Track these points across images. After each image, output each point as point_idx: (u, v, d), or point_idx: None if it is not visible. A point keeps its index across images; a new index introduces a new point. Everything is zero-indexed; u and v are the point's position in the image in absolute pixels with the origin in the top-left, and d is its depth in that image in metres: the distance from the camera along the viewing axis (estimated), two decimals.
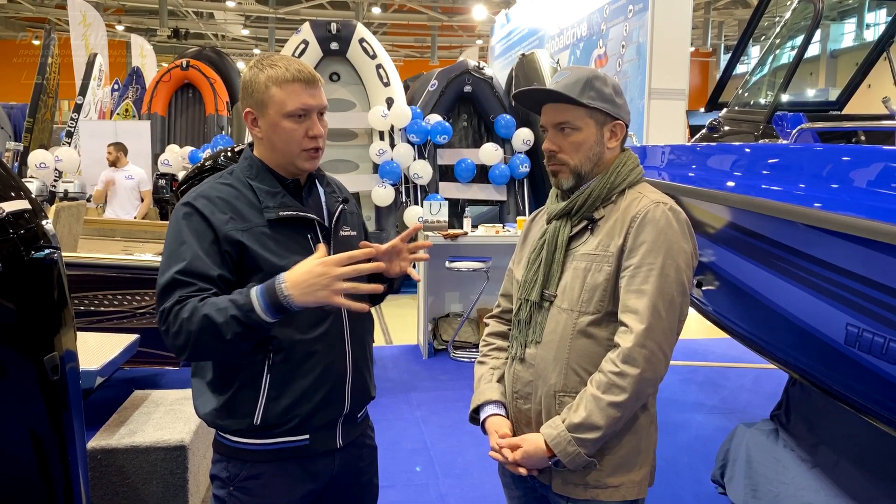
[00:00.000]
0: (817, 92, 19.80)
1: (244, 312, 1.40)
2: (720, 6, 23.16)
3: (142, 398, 3.51)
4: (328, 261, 1.38)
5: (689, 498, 3.43)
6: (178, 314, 1.45)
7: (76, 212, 5.31)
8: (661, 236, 1.57)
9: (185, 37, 22.45)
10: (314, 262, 1.39)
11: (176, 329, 1.45)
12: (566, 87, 1.64)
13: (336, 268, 1.37)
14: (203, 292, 1.48)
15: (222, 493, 1.65)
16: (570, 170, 1.68)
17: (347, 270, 1.38)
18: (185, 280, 1.49)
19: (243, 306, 1.41)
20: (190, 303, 1.45)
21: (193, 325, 1.42)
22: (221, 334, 1.40)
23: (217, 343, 1.42)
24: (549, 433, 1.58)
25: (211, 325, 1.41)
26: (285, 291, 1.39)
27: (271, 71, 1.60)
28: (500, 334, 1.88)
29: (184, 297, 1.47)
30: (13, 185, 1.91)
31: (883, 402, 1.95)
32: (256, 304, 1.40)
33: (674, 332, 1.59)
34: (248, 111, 1.64)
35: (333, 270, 1.37)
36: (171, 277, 1.50)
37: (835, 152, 1.95)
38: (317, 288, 1.37)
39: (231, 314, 1.40)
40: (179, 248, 1.53)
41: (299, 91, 1.60)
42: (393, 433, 4.24)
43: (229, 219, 1.56)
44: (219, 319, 1.40)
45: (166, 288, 1.50)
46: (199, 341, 1.43)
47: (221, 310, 1.41)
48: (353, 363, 1.70)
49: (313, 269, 1.38)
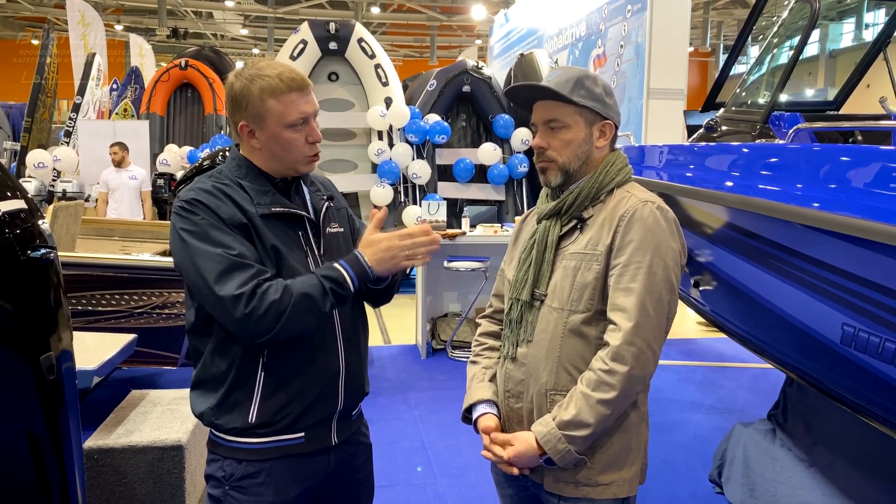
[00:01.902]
0: (816, 92, 19.81)
1: (339, 284, 1.58)
2: (719, 6, 23.17)
3: (139, 398, 3.51)
4: (391, 236, 1.64)
5: (687, 497, 3.43)
6: (265, 296, 1.50)
7: (74, 211, 5.31)
8: (648, 235, 1.58)
9: (184, 36, 22.44)
10: (380, 238, 1.64)
11: (264, 311, 1.49)
12: (557, 84, 1.65)
13: (398, 241, 1.63)
14: (263, 272, 1.54)
15: (218, 492, 1.65)
16: (559, 167, 1.69)
17: (407, 243, 1.64)
18: (241, 262, 1.52)
19: (336, 279, 1.58)
20: (273, 285, 1.52)
21: (285, 305, 1.51)
22: (319, 307, 1.55)
23: (311, 316, 1.55)
24: (540, 431, 1.59)
25: (309, 301, 1.54)
26: (368, 262, 1.62)
27: (263, 82, 1.58)
28: (493, 334, 1.89)
29: (254, 277, 1.50)
30: (9, 184, 1.91)
31: (879, 402, 1.95)
32: (347, 278, 1.59)
33: (662, 329, 1.60)
34: (244, 124, 1.62)
35: (396, 243, 1.63)
36: (226, 259, 1.50)
37: (832, 152, 1.95)
38: (388, 258, 1.63)
39: (328, 287, 1.56)
40: (211, 233, 1.53)
41: (296, 100, 1.61)
42: (391, 433, 4.24)
43: (232, 209, 1.58)
44: (316, 294, 1.54)
45: (226, 271, 1.50)
46: (292, 318, 1.52)
47: (314, 286, 1.55)
48: (346, 360, 1.71)
49: (381, 244, 1.63)
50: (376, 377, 5.33)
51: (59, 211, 4.96)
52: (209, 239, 1.53)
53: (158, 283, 4.16)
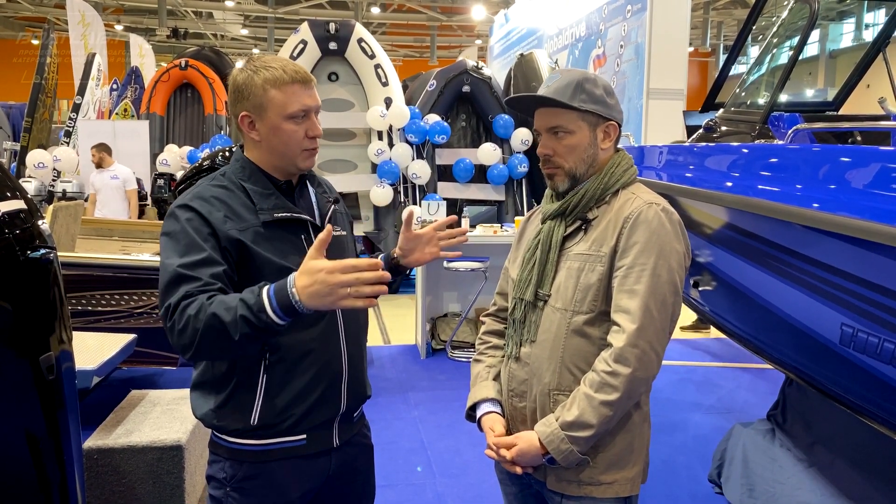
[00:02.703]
0: (815, 92, 19.81)
1: (254, 313, 1.36)
2: (719, 6, 23.17)
3: (139, 398, 3.51)
4: (333, 267, 1.34)
5: (686, 497, 3.43)
6: (185, 310, 1.40)
7: (74, 211, 5.31)
8: (653, 237, 1.58)
9: (184, 36, 22.44)
10: (319, 268, 1.34)
11: (182, 326, 1.40)
12: (557, 91, 1.65)
13: (340, 275, 1.33)
14: (209, 287, 1.44)
15: (219, 493, 1.65)
16: (566, 173, 1.69)
17: (349, 279, 1.33)
18: (189, 274, 1.45)
19: (254, 306, 1.36)
20: (198, 299, 1.41)
21: (200, 323, 1.38)
22: (229, 334, 1.36)
23: (224, 343, 1.38)
24: (543, 431, 1.60)
25: (219, 323, 1.36)
26: (296, 296, 1.34)
27: (267, 73, 1.58)
28: (497, 333, 1.90)
29: (190, 292, 1.42)
30: (9, 184, 1.91)
31: (878, 403, 1.95)
32: (267, 305, 1.36)
33: (666, 331, 1.60)
34: (245, 115, 1.61)
35: (336, 278, 1.33)
36: (174, 271, 1.46)
37: (831, 153, 1.95)
38: (323, 294, 1.34)
39: (241, 314, 1.36)
40: (181, 245, 1.51)
41: (299, 92, 1.60)
42: (391, 433, 4.24)
43: (227, 218, 1.55)
44: (227, 318, 1.36)
45: (171, 283, 1.45)
46: (206, 339, 1.38)
47: (230, 309, 1.37)
48: (349, 362, 1.70)
49: (317, 277, 1.34)
50: (376, 377, 5.32)
51: (58, 211, 4.96)
52: (176, 249, 1.51)
53: (158, 283, 4.15)
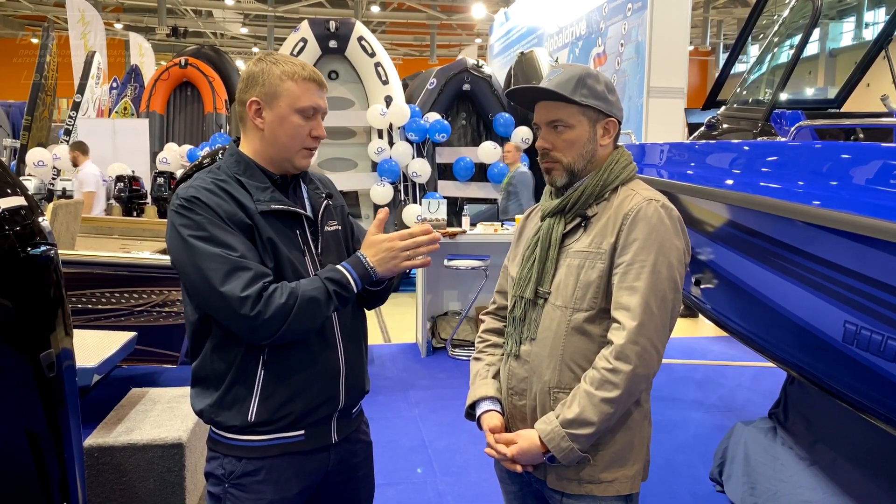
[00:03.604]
0: (816, 91, 19.80)
1: (342, 287, 1.59)
2: (719, 5, 23.16)
3: (139, 396, 3.51)
4: (393, 237, 1.65)
5: (687, 496, 3.43)
6: (271, 299, 1.50)
7: (74, 209, 5.30)
8: (653, 233, 1.58)
9: (184, 35, 22.42)
10: (382, 239, 1.65)
11: (270, 315, 1.49)
12: (558, 85, 1.64)
13: (399, 241, 1.64)
14: (265, 274, 1.54)
15: (217, 490, 1.65)
16: (564, 167, 1.68)
17: (408, 244, 1.64)
18: (243, 263, 1.51)
19: (340, 281, 1.59)
20: (279, 288, 1.53)
21: (290, 308, 1.51)
22: (322, 310, 1.57)
23: (316, 320, 1.57)
24: (543, 429, 1.59)
25: (314, 304, 1.55)
26: (370, 263, 1.63)
27: (286, 66, 1.62)
28: (496, 331, 1.89)
29: (257, 282, 1.50)
30: (9, 181, 1.90)
31: (881, 400, 1.95)
32: (350, 280, 1.61)
33: (666, 328, 1.59)
34: (254, 101, 1.62)
35: (397, 244, 1.64)
36: (228, 259, 1.50)
37: (833, 150, 1.95)
38: (390, 258, 1.64)
39: (332, 290, 1.58)
40: (212, 233, 1.52)
41: (313, 90, 1.64)
42: (391, 431, 4.24)
43: (232, 207, 1.57)
44: (321, 297, 1.56)
45: (229, 273, 1.49)
46: (297, 321, 1.53)
47: (319, 288, 1.57)
48: (346, 358, 1.70)
49: (382, 246, 1.64)
50: (376, 375, 5.32)
51: (58, 209, 4.96)
52: (210, 239, 1.51)
53: (158, 281, 4.15)
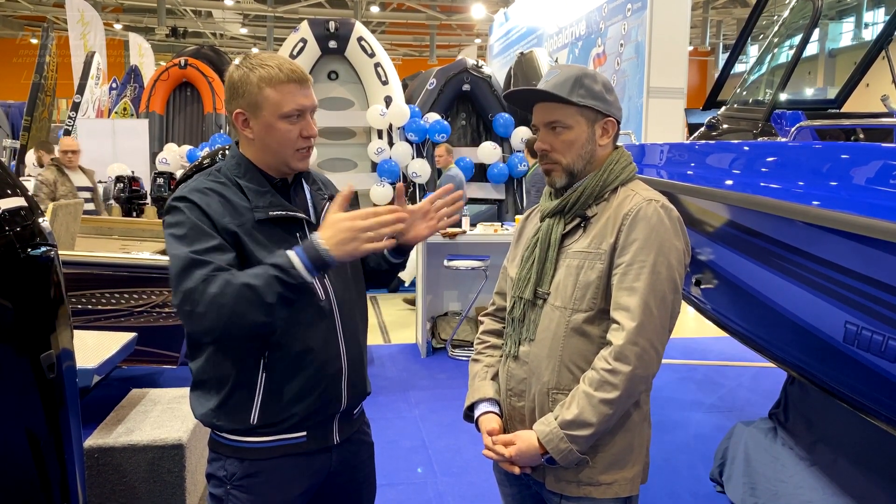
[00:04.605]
0: (815, 91, 19.81)
1: (285, 270, 1.43)
2: (718, 5, 23.17)
3: (139, 396, 3.50)
4: (354, 215, 1.47)
5: (688, 496, 3.43)
6: (205, 292, 1.41)
7: (74, 210, 5.30)
8: (652, 234, 1.57)
9: (184, 35, 22.43)
10: (341, 218, 1.47)
11: (204, 308, 1.41)
12: (556, 86, 1.64)
13: (360, 221, 1.46)
14: (222, 271, 1.45)
15: (219, 491, 1.64)
16: (563, 168, 1.68)
17: (371, 223, 1.47)
18: (202, 259, 1.45)
19: (283, 266, 1.43)
20: (219, 277, 1.42)
21: (227, 298, 1.40)
22: (263, 299, 1.41)
23: (256, 311, 1.41)
24: (542, 430, 1.58)
25: (250, 291, 1.40)
26: (323, 245, 1.44)
27: (263, 71, 1.57)
28: (495, 332, 1.88)
29: (209, 275, 1.43)
30: (9, 182, 1.90)
31: (881, 400, 1.95)
32: (297, 262, 1.44)
33: (665, 329, 1.59)
34: (239, 112, 1.60)
35: (357, 224, 1.46)
36: (187, 257, 1.45)
37: (833, 150, 1.95)
38: (348, 240, 1.45)
39: (272, 274, 1.42)
40: (189, 233, 1.51)
41: (294, 92, 1.59)
42: (391, 431, 4.23)
43: (224, 212, 1.55)
44: (259, 283, 1.41)
45: (184, 269, 1.45)
46: (235, 313, 1.41)
47: (259, 275, 1.42)
48: (348, 359, 1.69)
49: (340, 225, 1.46)
50: (376, 376, 5.32)
51: (58, 209, 4.96)
52: (184, 238, 1.50)
53: (158, 281, 4.15)
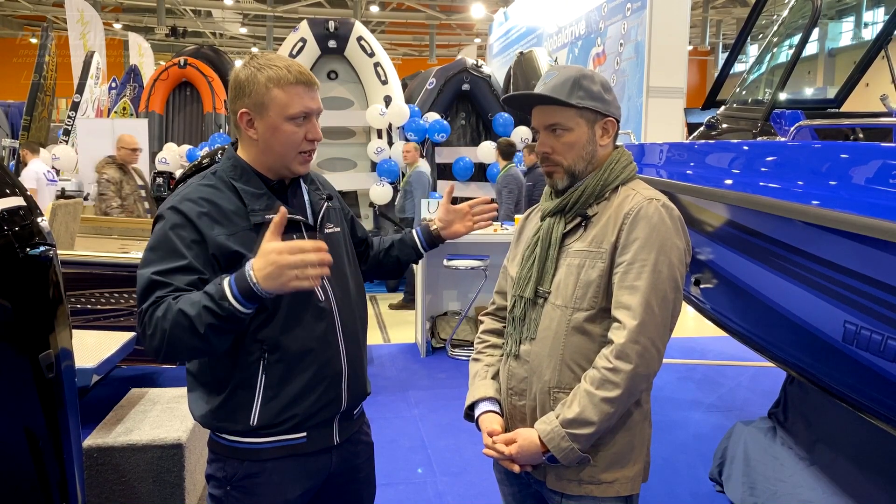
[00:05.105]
0: (815, 91, 19.81)
1: (216, 301, 1.38)
2: (718, 5, 23.18)
3: (138, 396, 3.50)
4: (282, 248, 1.37)
5: (687, 496, 3.43)
6: (153, 314, 1.43)
7: (73, 210, 5.29)
8: (653, 233, 1.57)
9: (183, 35, 22.41)
10: (270, 250, 1.38)
11: (151, 330, 1.43)
12: (554, 88, 1.64)
13: (288, 256, 1.36)
14: (180, 292, 1.45)
15: (219, 492, 1.64)
16: (565, 170, 1.68)
17: (296, 260, 1.36)
18: (162, 280, 1.46)
19: (215, 295, 1.39)
20: (165, 301, 1.43)
21: (168, 323, 1.40)
22: (195, 328, 1.38)
23: (191, 338, 1.40)
24: (543, 429, 1.58)
25: (184, 319, 1.39)
26: (254, 278, 1.37)
27: (271, 72, 1.56)
28: (495, 331, 1.88)
29: (161, 297, 1.45)
30: (8, 182, 1.90)
31: (881, 400, 1.95)
32: (228, 293, 1.39)
33: (667, 327, 1.59)
34: (245, 112, 1.59)
35: (284, 259, 1.36)
36: (148, 278, 1.47)
37: (833, 149, 1.95)
38: (275, 276, 1.37)
39: (204, 304, 1.38)
40: (161, 252, 1.51)
41: (302, 94, 1.58)
42: (391, 431, 4.23)
43: (215, 223, 1.54)
44: (192, 312, 1.38)
45: (144, 290, 1.47)
46: (173, 338, 1.40)
47: (195, 303, 1.40)
48: (348, 360, 1.69)
49: (269, 258, 1.37)
50: (376, 376, 5.32)
51: (58, 209, 4.95)
52: (157, 253, 1.51)
53: None
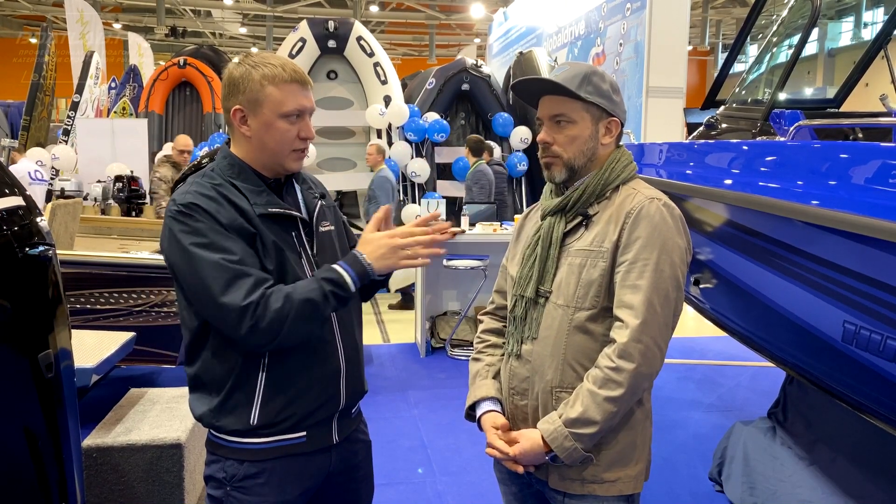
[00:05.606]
0: (815, 91, 19.82)
1: (339, 286, 1.54)
2: (718, 5, 23.17)
3: (138, 396, 3.50)
4: (393, 233, 1.60)
5: (687, 496, 3.43)
6: (268, 305, 1.48)
7: (73, 210, 5.30)
8: (655, 232, 1.58)
9: (183, 35, 22.40)
10: (381, 236, 1.60)
11: (268, 321, 1.47)
12: (565, 79, 1.65)
13: (399, 239, 1.59)
14: (264, 281, 1.51)
15: (219, 493, 1.64)
16: (564, 163, 1.68)
17: (408, 241, 1.59)
18: (240, 270, 1.49)
19: (336, 281, 1.54)
20: (275, 293, 1.50)
21: (289, 312, 1.49)
22: (321, 312, 1.53)
23: (314, 322, 1.55)
24: (546, 429, 1.58)
25: (310, 306, 1.51)
26: (367, 260, 1.58)
27: (266, 69, 1.58)
28: (495, 331, 1.88)
29: (258, 288, 1.48)
30: (7, 182, 1.90)
31: (880, 400, 1.95)
32: (347, 279, 1.55)
33: (669, 326, 1.59)
34: (238, 108, 1.60)
35: (396, 241, 1.59)
36: (229, 268, 1.47)
37: (832, 149, 1.95)
38: (388, 254, 1.58)
39: (328, 290, 1.53)
40: (212, 244, 1.50)
41: (296, 92, 1.59)
42: (390, 431, 4.23)
43: (233, 215, 1.55)
44: (318, 298, 1.52)
45: (229, 281, 1.47)
46: (296, 325, 1.50)
47: (315, 290, 1.53)
48: (346, 358, 1.70)
49: (380, 242, 1.59)
50: (375, 375, 5.32)
51: (57, 209, 4.95)
52: (210, 245, 1.50)
53: (157, 281, 4.15)
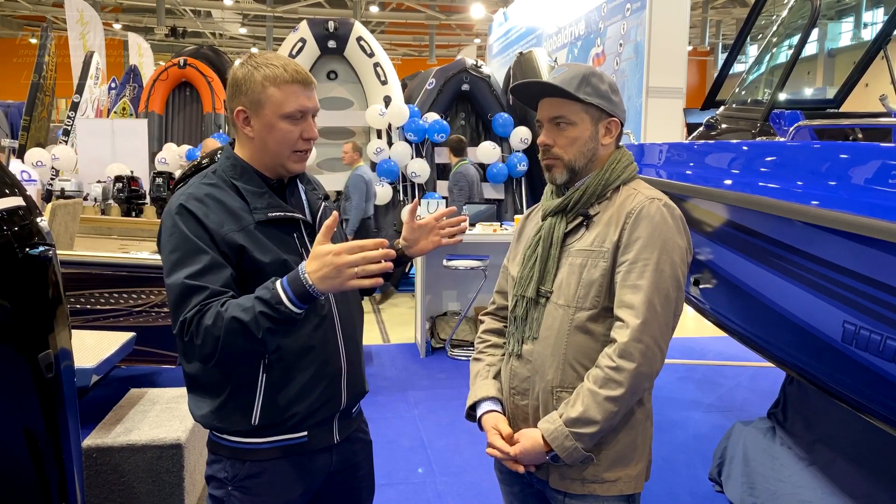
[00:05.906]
0: (814, 91, 19.82)
1: (273, 306, 1.41)
2: (718, 5, 23.17)
3: (138, 396, 3.50)
4: (340, 249, 1.41)
5: (687, 496, 3.43)
6: (201, 322, 1.43)
7: (73, 210, 5.30)
8: (656, 232, 1.58)
9: (183, 35, 22.40)
10: (326, 252, 1.41)
11: (201, 339, 1.43)
12: (563, 81, 1.65)
13: (347, 256, 1.40)
14: (219, 296, 1.46)
15: (220, 493, 1.64)
16: (564, 164, 1.69)
17: (356, 258, 1.40)
18: (196, 284, 1.46)
19: (271, 300, 1.41)
20: (211, 308, 1.44)
21: (219, 330, 1.42)
22: (251, 332, 1.41)
23: (247, 342, 1.43)
24: (547, 428, 1.59)
25: (240, 325, 1.41)
26: (308, 280, 1.41)
27: (268, 70, 1.58)
28: (496, 331, 1.89)
29: (204, 303, 1.45)
30: (7, 182, 1.90)
31: (880, 400, 1.95)
32: (283, 296, 1.41)
33: (669, 326, 1.60)
34: (241, 110, 1.60)
35: (343, 259, 1.40)
36: (182, 285, 1.47)
37: (832, 150, 1.95)
38: (332, 276, 1.40)
39: (259, 310, 1.41)
40: (183, 253, 1.50)
41: (298, 92, 1.59)
42: (390, 431, 4.23)
43: (222, 220, 1.54)
44: (247, 318, 1.41)
45: (181, 297, 1.46)
46: (228, 344, 1.42)
47: (247, 308, 1.42)
48: (347, 358, 1.70)
49: (325, 260, 1.40)
50: (376, 376, 5.32)
51: (57, 209, 4.96)
52: (179, 262, 1.50)
53: (157, 281, 4.15)
